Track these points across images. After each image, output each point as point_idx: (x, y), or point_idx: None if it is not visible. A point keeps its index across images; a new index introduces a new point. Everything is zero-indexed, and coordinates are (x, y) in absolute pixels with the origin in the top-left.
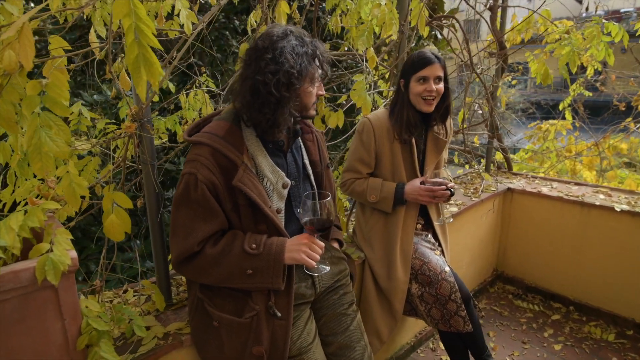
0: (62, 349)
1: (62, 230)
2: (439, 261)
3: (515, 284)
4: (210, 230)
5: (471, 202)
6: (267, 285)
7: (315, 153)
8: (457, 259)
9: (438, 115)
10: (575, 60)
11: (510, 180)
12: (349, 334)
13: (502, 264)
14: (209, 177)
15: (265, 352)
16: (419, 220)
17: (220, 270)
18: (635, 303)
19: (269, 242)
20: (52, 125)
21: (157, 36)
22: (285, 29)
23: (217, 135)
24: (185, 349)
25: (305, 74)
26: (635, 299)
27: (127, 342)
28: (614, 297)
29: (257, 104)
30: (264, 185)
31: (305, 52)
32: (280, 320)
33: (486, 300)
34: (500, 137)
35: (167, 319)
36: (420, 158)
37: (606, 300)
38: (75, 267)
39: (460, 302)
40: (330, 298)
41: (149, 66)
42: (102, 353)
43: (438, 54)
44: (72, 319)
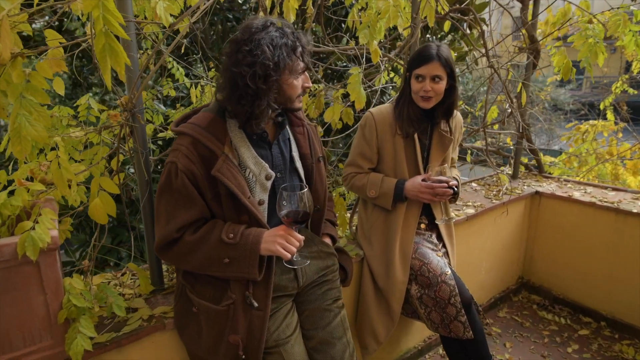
0: (44, 321)
1: (48, 211)
2: (440, 263)
3: (541, 294)
4: (190, 217)
5: (491, 205)
6: (243, 274)
7: (306, 146)
8: (475, 264)
9: (441, 112)
10: (597, 53)
11: (540, 183)
12: (331, 329)
13: (529, 271)
14: (189, 166)
15: (241, 340)
16: (422, 220)
17: (198, 258)
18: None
19: (246, 233)
20: (32, 111)
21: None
22: (266, 20)
23: (200, 126)
24: (168, 332)
25: (284, 65)
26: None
27: (114, 322)
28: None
29: (235, 96)
30: (247, 177)
31: (285, 44)
32: (258, 310)
33: (507, 309)
34: (530, 138)
35: (156, 302)
36: (425, 155)
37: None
38: (55, 245)
39: (460, 307)
40: (314, 292)
41: (115, 55)
42: (81, 328)
43: (442, 51)
44: (54, 294)
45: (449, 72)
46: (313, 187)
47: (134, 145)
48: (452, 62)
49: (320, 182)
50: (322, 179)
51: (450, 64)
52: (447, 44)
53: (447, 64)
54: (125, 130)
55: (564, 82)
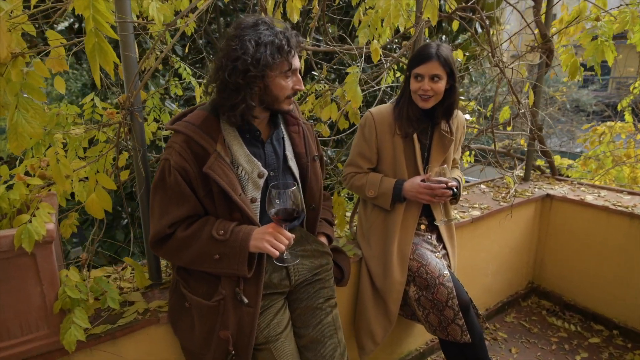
0: (40, 311)
1: (46, 205)
2: (439, 265)
3: (552, 300)
4: (182, 214)
5: (498, 207)
6: (233, 271)
7: (301, 145)
8: (481, 267)
9: (441, 112)
10: (605, 51)
11: (552, 186)
12: (322, 328)
13: (539, 276)
14: (181, 164)
15: (231, 336)
16: (422, 221)
17: (189, 253)
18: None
19: (236, 230)
20: (29, 108)
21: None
22: (257, 18)
23: (194, 124)
24: (162, 326)
25: (265, 63)
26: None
27: (110, 314)
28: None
29: (218, 88)
30: (239, 174)
31: (271, 42)
32: (248, 307)
33: (515, 314)
34: (542, 139)
35: (152, 297)
36: (425, 155)
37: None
38: (51, 238)
39: (458, 310)
40: (306, 291)
41: (104, 55)
42: (75, 319)
43: (442, 50)
44: (50, 285)
45: (448, 71)
46: (308, 186)
47: (132, 143)
48: (452, 61)
49: (316, 181)
50: (318, 178)
51: (450, 63)
52: (459, 45)
53: (447, 64)
54: (124, 128)
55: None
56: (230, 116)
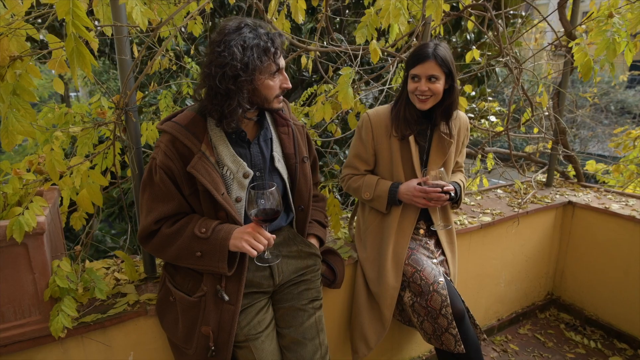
0: (33, 298)
1: (39, 199)
2: (434, 271)
3: (572, 313)
4: (167, 211)
5: (512, 213)
6: (214, 268)
7: (290, 146)
8: (493, 275)
9: (440, 113)
10: (616, 50)
11: (575, 193)
12: (303, 330)
13: (559, 288)
14: (166, 163)
15: (212, 332)
16: (421, 225)
17: (173, 250)
18: None
19: (218, 228)
20: (20, 108)
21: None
22: (240, 21)
23: (180, 125)
24: (151, 318)
25: (254, 66)
26: None
27: (103, 304)
28: None
29: (209, 95)
30: (224, 174)
31: (257, 45)
32: (229, 304)
33: (530, 326)
34: (566, 143)
35: (145, 290)
36: (424, 158)
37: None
38: (42, 230)
39: (452, 319)
40: (290, 292)
41: (82, 58)
42: (64, 307)
43: (439, 50)
44: (41, 274)
45: (446, 71)
46: (297, 187)
47: (127, 141)
48: (450, 61)
49: (305, 182)
50: (307, 179)
51: (448, 63)
52: (482, 43)
53: (444, 64)
54: (119, 127)
55: (633, 83)
56: (228, 123)
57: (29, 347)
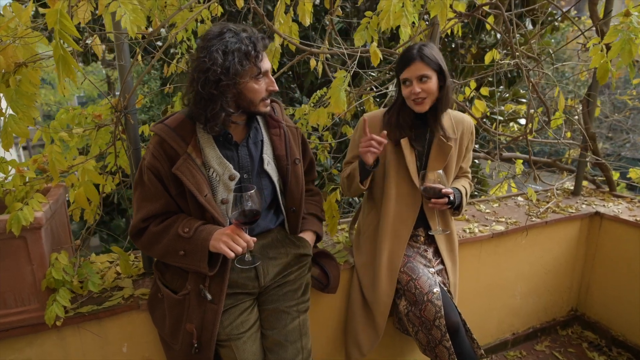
0: (31, 287)
1: (38, 195)
2: (430, 280)
3: (597, 332)
4: (155, 210)
5: (529, 223)
6: (195, 267)
7: (281, 148)
8: (506, 287)
9: (432, 115)
10: (632, 51)
11: (605, 203)
12: (286, 332)
13: (584, 304)
14: (154, 163)
15: (196, 329)
16: (420, 232)
17: (160, 248)
18: None
19: (200, 229)
20: (18, 111)
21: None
22: (222, 27)
23: (169, 127)
24: (143, 313)
25: (235, 71)
26: None
27: (101, 296)
28: None
29: (194, 100)
30: (210, 176)
31: (238, 49)
32: (212, 303)
33: (549, 343)
34: (597, 149)
35: (142, 284)
36: (424, 163)
37: None
38: (39, 225)
39: (445, 331)
40: (275, 293)
41: (66, 65)
42: (58, 297)
43: (424, 49)
44: (39, 266)
45: (436, 69)
46: (288, 189)
47: (126, 143)
48: (439, 59)
49: (296, 184)
50: (298, 180)
51: (437, 61)
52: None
53: (433, 61)
54: (118, 129)
55: None
56: (212, 126)
57: (28, 332)
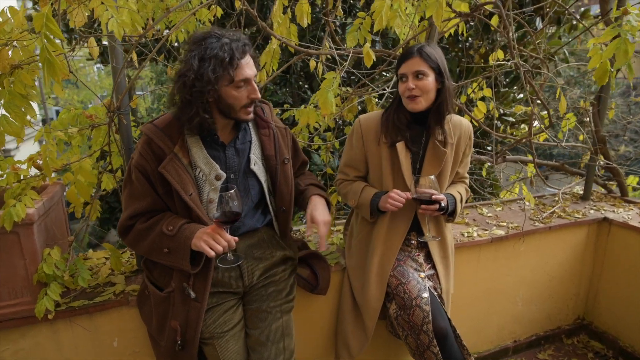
0: (24, 281)
1: (32, 193)
2: (419, 285)
3: (604, 342)
4: (141, 208)
5: (531, 228)
6: (179, 265)
7: (270, 148)
8: (507, 293)
9: (433, 117)
10: (628, 52)
11: (615, 209)
12: (268, 332)
13: (592, 313)
14: (141, 162)
15: (180, 327)
16: (412, 237)
17: (145, 245)
18: None
19: (184, 227)
20: (10, 112)
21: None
22: (205, 33)
23: (157, 127)
24: (133, 308)
25: (208, 78)
26: None
27: (94, 292)
28: None
29: (177, 102)
30: (197, 176)
31: (215, 56)
32: (195, 302)
33: (553, 352)
34: (607, 153)
35: (134, 281)
36: (418, 167)
37: None
38: (31, 221)
39: (432, 337)
40: (259, 293)
41: (51, 67)
42: (49, 291)
43: (425, 47)
44: (32, 260)
45: (434, 67)
46: (277, 189)
47: (120, 143)
48: (438, 58)
49: (285, 184)
50: (288, 180)
51: (436, 59)
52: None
53: (431, 59)
54: (112, 129)
55: None
56: (188, 128)
57: (22, 324)
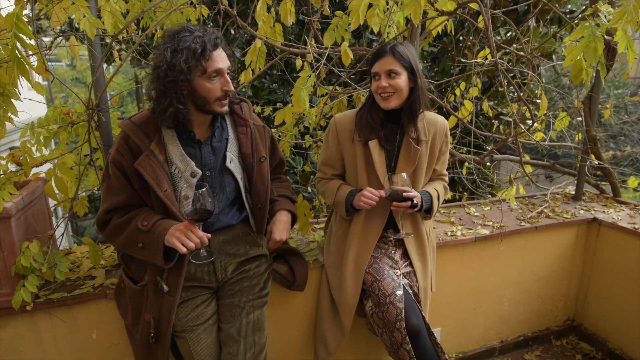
0: (3, 273)
1: (10, 187)
2: (394, 282)
3: (593, 344)
4: (117, 202)
5: (516, 227)
6: (152, 260)
7: (247, 146)
8: (492, 293)
9: (406, 115)
10: (597, 49)
11: (606, 209)
12: (239, 327)
13: (582, 314)
14: (117, 158)
15: (153, 319)
16: (390, 234)
17: (121, 239)
18: None
19: (158, 223)
20: None
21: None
22: (180, 27)
23: (134, 123)
24: (111, 301)
25: (180, 69)
26: None
27: (73, 284)
28: None
29: (153, 94)
30: (172, 172)
31: (187, 47)
32: (168, 295)
33: (540, 352)
34: (599, 153)
35: (114, 275)
36: (393, 164)
37: None
38: (8, 214)
39: (405, 334)
40: (232, 289)
41: (21, 66)
42: (26, 283)
43: (398, 46)
44: (10, 253)
45: (407, 66)
46: (254, 187)
47: (101, 140)
48: (411, 57)
49: (262, 182)
50: (264, 178)
51: (408, 58)
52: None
53: (404, 59)
54: (91, 126)
55: None
56: (162, 120)
57: (2, 315)
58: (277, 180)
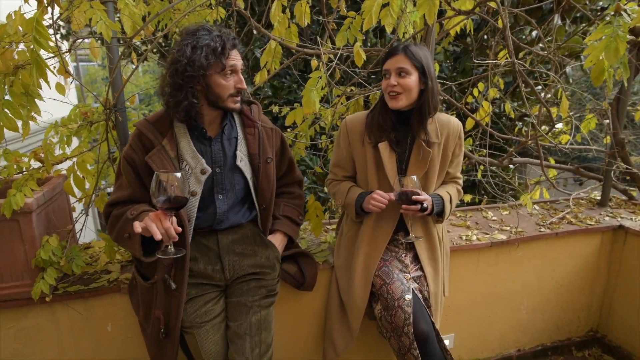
0: (24, 265)
1: (32, 183)
2: (403, 286)
3: (618, 357)
4: (121, 197)
5: (535, 233)
6: (133, 251)
7: (254, 147)
8: (509, 299)
9: (415, 118)
10: (619, 50)
11: (634, 216)
12: (246, 325)
13: (605, 326)
14: (130, 154)
15: (163, 316)
16: (400, 237)
17: (115, 230)
18: None
19: (144, 213)
20: (9, 109)
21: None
22: (198, 26)
23: (149, 121)
24: (125, 296)
25: (200, 63)
26: None
27: (90, 278)
28: None
29: (167, 88)
30: (183, 168)
31: (207, 45)
32: (176, 292)
33: None
34: (627, 157)
35: (129, 270)
36: (404, 167)
37: None
38: (29, 209)
39: (413, 339)
40: (240, 287)
41: (40, 69)
42: (45, 276)
43: (411, 46)
44: (30, 246)
45: (419, 67)
46: (259, 187)
47: (118, 138)
48: (423, 57)
49: (267, 182)
50: (269, 179)
51: (420, 59)
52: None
53: (415, 58)
54: (109, 125)
55: None
56: (175, 113)
57: (23, 305)
58: (288, 196)
